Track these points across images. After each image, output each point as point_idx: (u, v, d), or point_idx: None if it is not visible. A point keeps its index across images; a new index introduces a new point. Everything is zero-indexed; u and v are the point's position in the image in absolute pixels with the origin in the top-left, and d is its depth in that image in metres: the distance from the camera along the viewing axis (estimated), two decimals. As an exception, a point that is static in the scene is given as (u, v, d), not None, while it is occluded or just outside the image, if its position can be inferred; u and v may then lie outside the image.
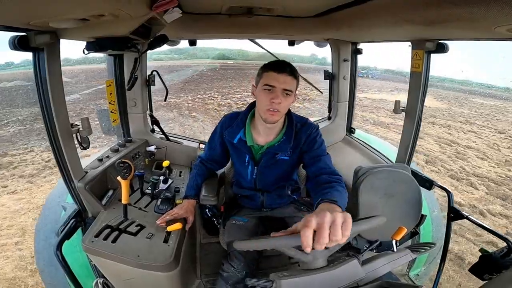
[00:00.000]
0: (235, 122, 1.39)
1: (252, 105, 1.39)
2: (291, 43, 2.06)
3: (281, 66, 1.20)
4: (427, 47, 1.38)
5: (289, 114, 1.36)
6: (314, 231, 0.69)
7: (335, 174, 1.23)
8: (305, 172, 1.41)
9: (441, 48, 1.36)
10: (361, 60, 2.19)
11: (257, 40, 1.98)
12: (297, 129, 1.35)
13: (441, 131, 10.11)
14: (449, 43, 1.36)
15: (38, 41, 0.92)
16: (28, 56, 0.98)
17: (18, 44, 0.88)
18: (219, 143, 1.46)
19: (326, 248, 0.79)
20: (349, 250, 1.25)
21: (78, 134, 1.19)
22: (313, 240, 0.68)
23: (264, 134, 1.35)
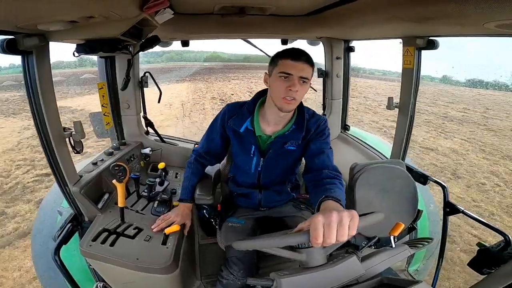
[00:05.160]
0: (240, 111, 1.34)
1: (260, 94, 1.35)
2: (284, 42, 2.07)
3: (297, 53, 1.15)
4: (417, 43, 1.39)
5: (299, 103, 1.31)
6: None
7: (337, 171, 1.22)
8: (304, 165, 1.37)
9: (432, 45, 1.38)
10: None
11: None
12: (306, 119, 1.31)
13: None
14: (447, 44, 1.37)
15: (26, 44, 0.90)
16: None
17: (7, 48, 0.87)
18: (220, 134, 1.40)
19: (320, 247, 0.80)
20: (348, 247, 1.26)
21: (71, 138, 1.18)
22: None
23: (273, 123, 1.30)
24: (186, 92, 15.23)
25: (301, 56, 1.15)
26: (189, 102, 12.62)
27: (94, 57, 1.73)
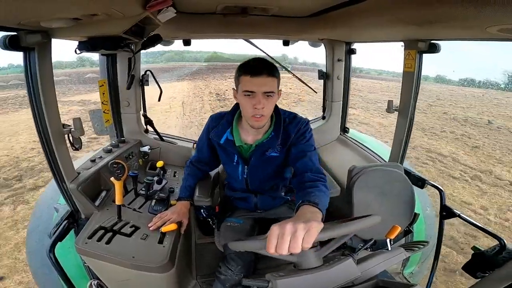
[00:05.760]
0: (221, 123, 1.34)
1: (238, 105, 1.33)
2: (286, 43, 2.07)
3: (256, 68, 1.12)
4: (419, 47, 1.39)
5: (276, 110, 1.30)
6: None
7: (320, 172, 1.21)
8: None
9: (433, 48, 1.38)
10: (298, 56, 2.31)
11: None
12: (286, 124, 1.30)
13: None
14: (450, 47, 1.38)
15: (29, 41, 0.90)
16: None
17: (9, 44, 0.86)
18: (207, 145, 1.42)
19: (316, 249, 0.80)
20: (344, 249, 1.26)
21: (70, 134, 1.17)
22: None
23: (252, 133, 1.31)
24: (187, 89, 16.88)
25: (261, 70, 1.11)
26: (190, 96, 14.55)
27: (94, 57, 1.73)
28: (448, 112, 12.27)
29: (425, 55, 1.45)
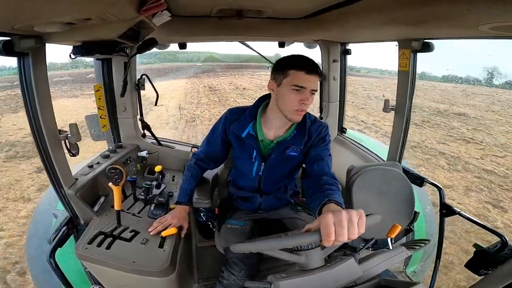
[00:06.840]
0: (242, 117, 1.34)
1: (262, 99, 1.35)
2: (281, 45, 2.07)
3: (312, 66, 1.15)
4: (413, 46, 1.40)
5: None
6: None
7: (334, 178, 1.23)
8: (303, 170, 1.38)
9: (427, 47, 1.38)
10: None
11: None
12: (308, 125, 1.32)
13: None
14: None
15: (22, 46, 0.89)
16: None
17: (3, 49, 0.86)
18: (220, 138, 1.40)
19: (322, 248, 0.80)
20: (345, 249, 1.25)
21: (66, 140, 1.17)
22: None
23: (276, 128, 1.31)
24: (185, 85, 20.47)
25: (315, 69, 1.15)
26: (189, 89, 18.23)
27: (88, 59, 1.72)
28: (371, 94, 16.63)
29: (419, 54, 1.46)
